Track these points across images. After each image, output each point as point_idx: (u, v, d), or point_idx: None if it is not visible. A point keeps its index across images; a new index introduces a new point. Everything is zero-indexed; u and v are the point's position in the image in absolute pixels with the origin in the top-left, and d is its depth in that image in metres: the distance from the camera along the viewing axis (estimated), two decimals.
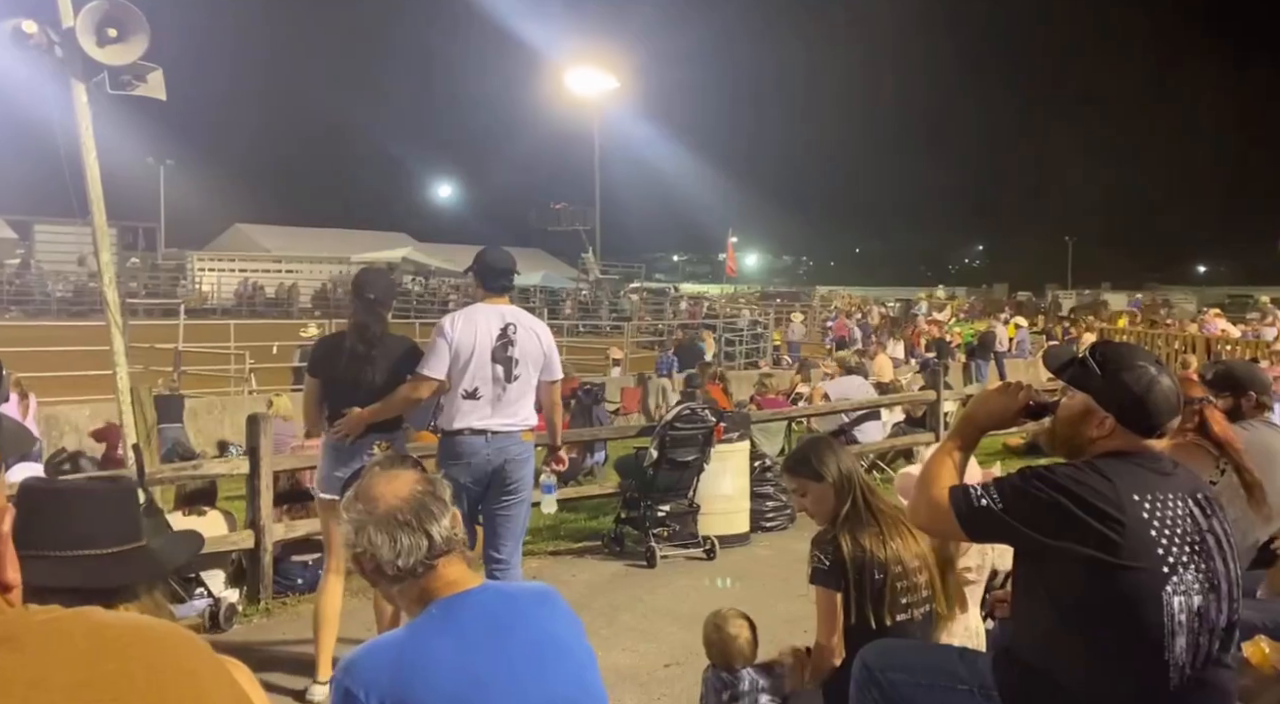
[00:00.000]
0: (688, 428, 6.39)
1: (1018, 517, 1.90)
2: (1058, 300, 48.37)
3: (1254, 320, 20.72)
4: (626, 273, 43.06)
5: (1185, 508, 1.93)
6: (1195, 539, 1.92)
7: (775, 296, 41.27)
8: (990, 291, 54.60)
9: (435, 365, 4.06)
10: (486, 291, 4.29)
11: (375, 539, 1.63)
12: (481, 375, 4.08)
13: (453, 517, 1.70)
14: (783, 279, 77.78)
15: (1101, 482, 1.90)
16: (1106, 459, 1.97)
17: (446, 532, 1.66)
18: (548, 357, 4.28)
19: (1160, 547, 1.87)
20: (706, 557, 6.30)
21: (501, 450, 4.10)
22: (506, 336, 4.13)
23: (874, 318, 29.34)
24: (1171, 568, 1.87)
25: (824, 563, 2.66)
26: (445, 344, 4.06)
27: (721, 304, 34.20)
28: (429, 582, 1.65)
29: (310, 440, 8.30)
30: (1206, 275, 78.51)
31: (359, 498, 1.69)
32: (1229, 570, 1.96)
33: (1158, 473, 1.97)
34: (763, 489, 7.18)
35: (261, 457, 5.44)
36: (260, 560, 5.41)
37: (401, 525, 1.63)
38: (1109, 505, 1.87)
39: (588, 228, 38.89)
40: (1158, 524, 1.88)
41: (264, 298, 34.33)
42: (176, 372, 13.67)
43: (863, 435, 9.31)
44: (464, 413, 4.09)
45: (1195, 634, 1.88)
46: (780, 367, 19.38)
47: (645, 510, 6.30)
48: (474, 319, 4.17)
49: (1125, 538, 1.85)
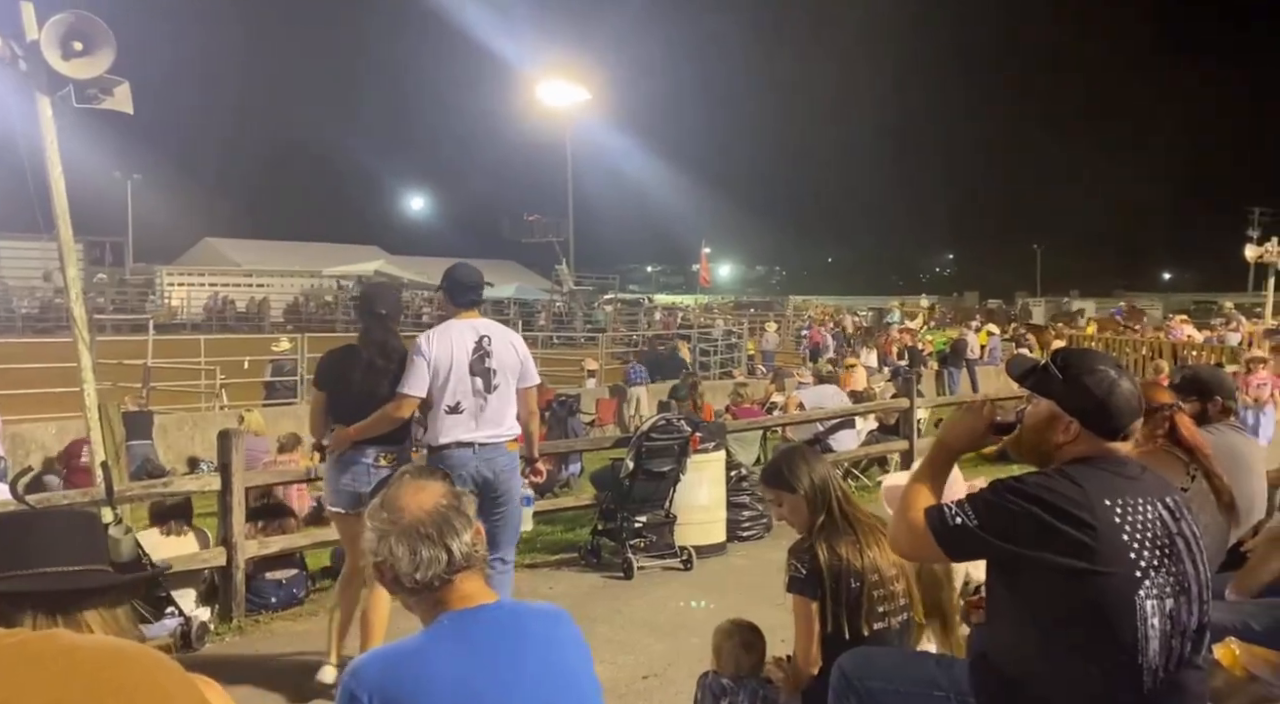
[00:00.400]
0: (663, 438, 6.39)
1: (993, 531, 1.91)
2: (1028, 308, 48.99)
3: (1218, 325, 21.10)
4: (601, 284, 43.10)
5: (1155, 512, 1.96)
6: (1165, 542, 1.94)
7: (749, 306, 41.48)
8: (961, 300, 55.17)
9: (415, 384, 4.14)
10: (457, 307, 4.37)
11: (396, 550, 1.65)
12: (462, 389, 4.19)
13: (475, 532, 1.70)
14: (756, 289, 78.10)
15: (1072, 488, 1.92)
16: (1075, 465, 1.99)
17: (467, 547, 1.67)
18: (524, 364, 4.38)
19: (1132, 551, 1.89)
20: (684, 567, 6.30)
21: (490, 461, 4.24)
22: (483, 349, 4.24)
23: (848, 326, 29.55)
24: (1144, 572, 1.89)
25: (801, 572, 2.67)
26: (423, 362, 4.15)
27: (696, 314, 34.30)
28: (445, 595, 1.67)
29: (283, 456, 8.25)
30: (1172, 282, 79.77)
31: (385, 506, 1.70)
32: (1199, 573, 1.98)
33: (1126, 477, 2.00)
34: (739, 499, 7.19)
35: (233, 473, 5.37)
36: (233, 578, 5.33)
37: (423, 538, 1.65)
38: (1081, 511, 1.89)
39: (561, 239, 38.88)
40: (1129, 529, 1.91)
41: (234, 312, 33.99)
42: (145, 388, 13.48)
43: (837, 444, 9.35)
44: (449, 427, 4.20)
45: (1168, 637, 1.90)
46: (755, 376, 19.44)
47: (622, 522, 6.29)
48: (449, 335, 4.25)
49: (1098, 543, 1.87)
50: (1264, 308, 21.91)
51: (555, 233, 39.25)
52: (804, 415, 9.65)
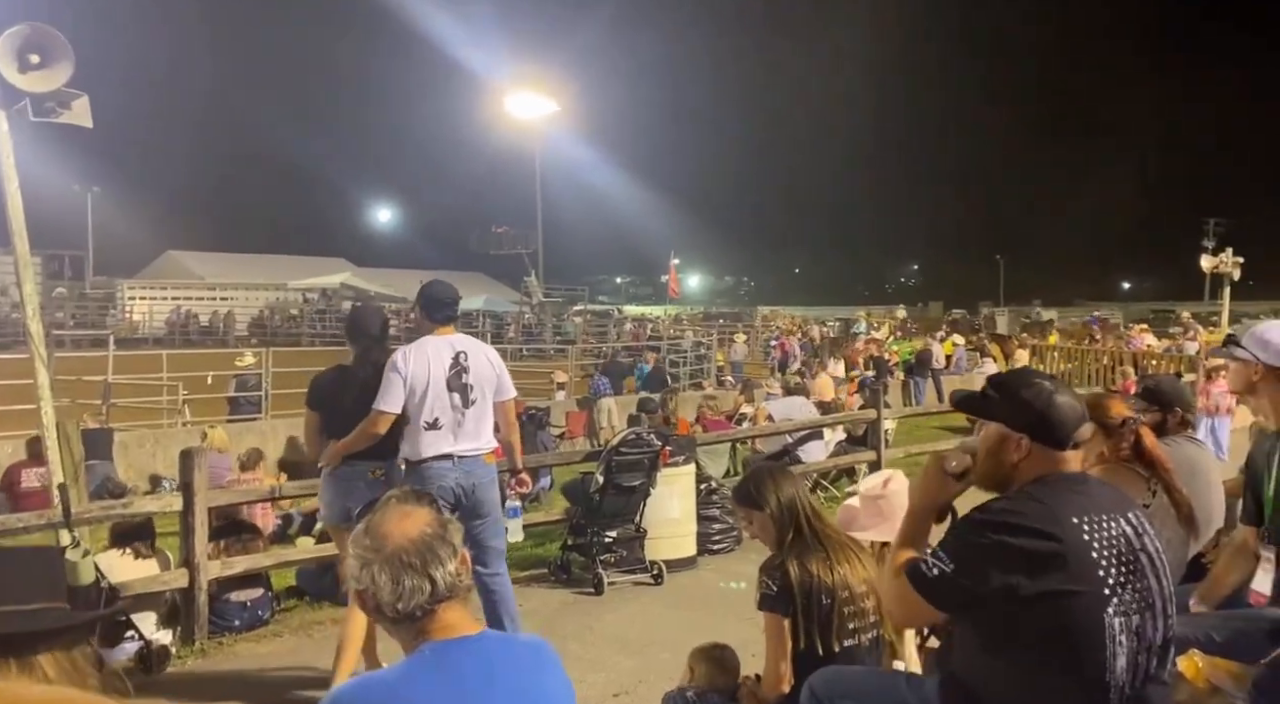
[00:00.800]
0: (633, 453, 6.38)
1: (968, 572, 1.90)
2: (993, 318, 49.63)
3: (1177, 334, 21.51)
4: (570, 295, 43.01)
5: (1119, 528, 1.98)
6: (1130, 559, 1.96)
7: (718, 317, 41.58)
8: (926, 310, 55.77)
9: (390, 400, 4.22)
10: (433, 323, 4.43)
11: (379, 579, 1.62)
12: (440, 405, 4.27)
13: (460, 560, 1.67)
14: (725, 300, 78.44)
15: (1039, 507, 1.94)
16: (1036, 485, 2.01)
17: (451, 577, 1.64)
18: (500, 378, 4.48)
19: (1101, 568, 1.90)
20: (654, 582, 6.28)
21: (470, 473, 4.32)
22: (459, 365, 4.33)
23: (815, 336, 29.73)
24: (1112, 589, 1.90)
25: (772, 589, 2.67)
26: (399, 379, 4.22)
27: (665, 326, 34.34)
28: (427, 624, 1.64)
29: (245, 474, 8.13)
30: (1131, 291, 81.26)
31: (368, 533, 1.66)
32: (1162, 588, 2.00)
33: (1089, 494, 2.01)
34: (709, 512, 7.18)
35: (195, 492, 5.28)
36: (195, 600, 5.24)
37: (406, 567, 1.61)
38: (1051, 529, 1.90)
39: (530, 251, 38.79)
40: (1097, 546, 1.92)
41: (198, 326, 33.48)
42: (105, 404, 13.23)
43: (806, 455, 9.40)
44: (428, 442, 4.27)
45: (1134, 653, 1.91)
46: (724, 387, 19.49)
47: (592, 537, 6.26)
48: (425, 352, 4.31)
49: (1068, 561, 1.88)
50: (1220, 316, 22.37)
51: (524, 244, 39.15)
52: (773, 427, 9.68)
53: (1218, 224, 47.80)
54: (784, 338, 26.47)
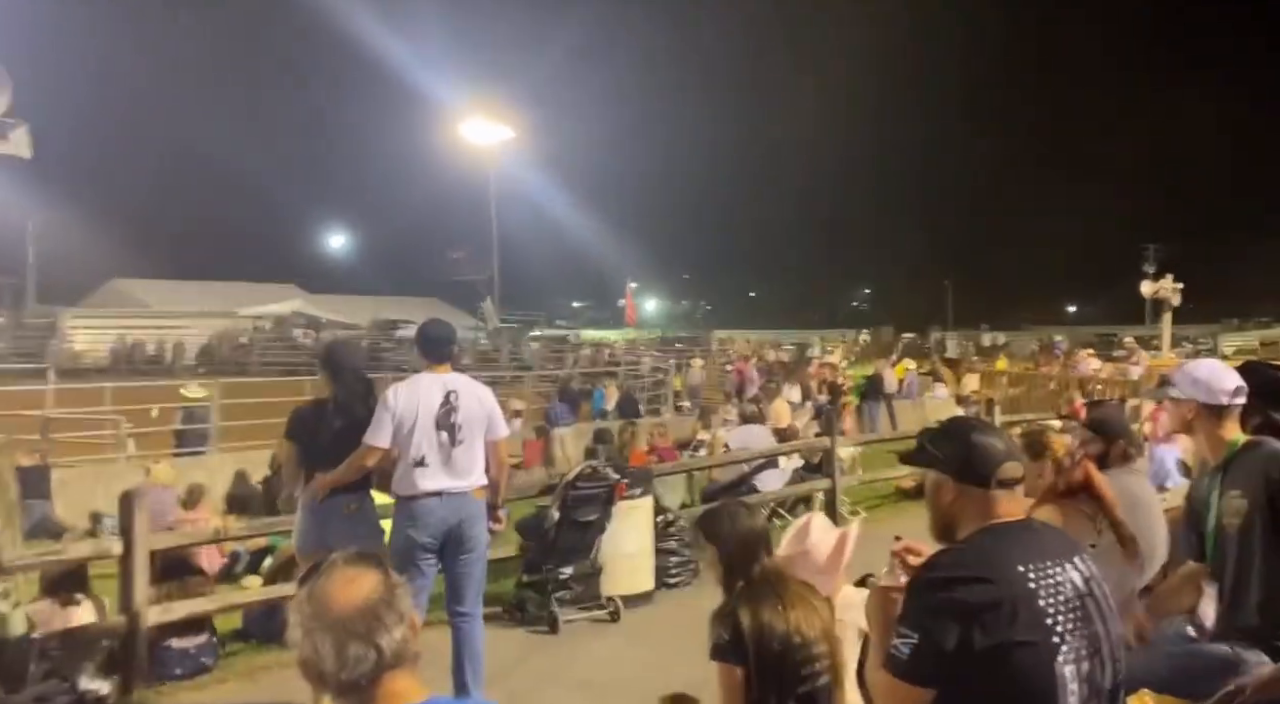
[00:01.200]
0: (589, 487, 6.33)
1: (936, 634, 1.88)
2: (943, 341, 50.44)
3: (1120, 358, 22.01)
4: (526, 321, 42.90)
5: (1065, 574, 1.98)
6: (1077, 605, 1.96)
7: (675, 342, 41.69)
8: (878, 333, 56.48)
9: (379, 435, 4.35)
10: (428, 361, 4.58)
11: (321, 648, 1.55)
12: (428, 443, 4.37)
13: (408, 626, 1.61)
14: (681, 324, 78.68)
15: (983, 559, 1.94)
16: (982, 534, 2.02)
17: (397, 644, 1.57)
18: (491, 417, 4.57)
19: (1049, 616, 1.91)
20: (610, 619, 6.21)
21: (457, 509, 4.41)
22: (449, 404, 4.43)
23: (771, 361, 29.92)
24: (1061, 637, 1.90)
25: (724, 638, 2.64)
26: (388, 415, 4.35)
27: (623, 351, 34.32)
28: (373, 695, 1.57)
29: (190, 514, 7.90)
30: (1076, 315, 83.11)
31: (311, 599, 1.59)
32: (1109, 632, 2.01)
33: (1034, 541, 2.02)
34: (666, 545, 7.14)
35: (135, 537, 5.11)
36: (135, 648, 5.05)
37: (350, 635, 1.54)
38: (996, 580, 1.90)
39: (485, 277, 38.68)
40: (1044, 594, 1.92)
41: (144, 356, 32.70)
42: (44, 440, 12.81)
43: (763, 484, 9.40)
44: (416, 479, 4.38)
45: (1085, 700, 1.92)
46: (680, 413, 19.49)
47: (547, 574, 6.18)
48: (416, 390, 4.45)
49: (1018, 612, 1.88)
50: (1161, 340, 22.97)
51: (479, 270, 39.05)
52: (729, 457, 9.69)
53: (1157, 249, 49.26)
54: (740, 363, 26.58)
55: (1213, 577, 2.94)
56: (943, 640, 1.88)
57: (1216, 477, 2.93)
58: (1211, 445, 2.89)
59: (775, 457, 9.78)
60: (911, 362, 24.52)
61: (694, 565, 7.12)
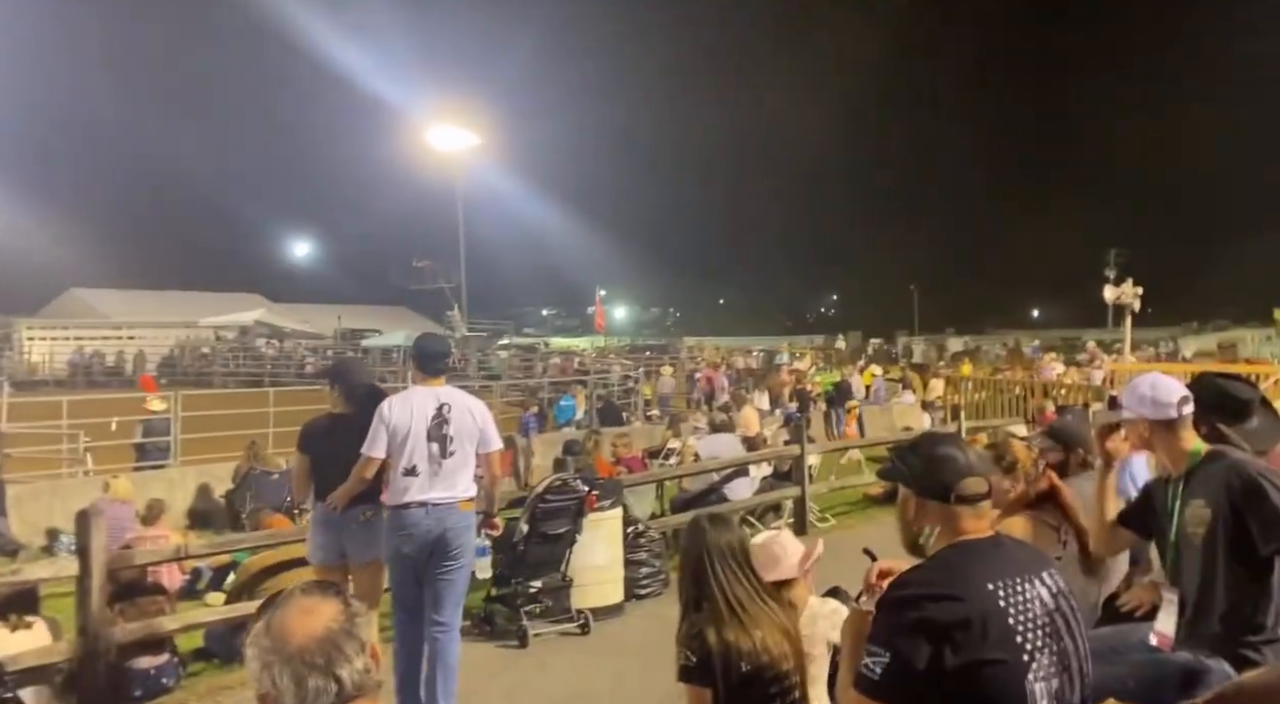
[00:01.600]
0: (558, 500, 6.28)
1: (902, 660, 1.87)
2: (910, 347, 50.95)
3: (1084, 363, 22.33)
4: (495, 329, 42.65)
5: (1034, 591, 1.98)
6: (1046, 621, 1.96)
7: (645, 349, 41.68)
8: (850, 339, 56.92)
9: (375, 446, 4.50)
10: (423, 375, 4.71)
11: (280, 681, 1.51)
12: (419, 453, 4.50)
13: (369, 654, 1.58)
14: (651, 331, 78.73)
15: (953, 576, 1.93)
16: (951, 551, 2.02)
17: (359, 675, 1.54)
18: (483, 431, 4.69)
19: (1018, 634, 1.90)
20: (581, 632, 6.17)
21: (441, 520, 4.50)
22: (441, 416, 4.56)
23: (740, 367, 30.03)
24: (1030, 655, 1.90)
25: (691, 660, 2.61)
26: (383, 427, 4.50)
27: (592, 359, 34.26)
28: None
29: (150, 531, 7.73)
30: (1040, 319, 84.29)
31: (268, 631, 1.55)
32: (1078, 648, 2.02)
33: (1002, 557, 2.02)
34: (636, 556, 7.10)
35: (93, 556, 4.99)
36: (94, 670, 4.93)
37: (309, 667, 1.51)
38: (965, 597, 1.89)
39: (453, 285, 38.37)
40: (1014, 612, 1.92)
41: (103, 367, 32.11)
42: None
43: (732, 493, 9.39)
44: (406, 488, 4.50)
45: None
46: (649, 422, 19.45)
47: (516, 587, 6.12)
48: (410, 402, 4.58)
49: (988, 630, 1.87)
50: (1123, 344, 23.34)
51: (446, 278, 38.71)
52: (699, 466, 9.68)
53: (1118, 254, 50.13)
54: (709, 371, 26.63)
55: (1175, 586, 2.96)
56: (914, 659, 1.87)
57: (1178, 486, 2.95)
58: (1172, 457, 2.90)
59: (745, 465, 9.79)
60: (878, 368, 24.73)
61: (664, 576, 7.09)
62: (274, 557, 6.33)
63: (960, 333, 61.66)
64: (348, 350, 32.72)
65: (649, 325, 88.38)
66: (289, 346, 35.42)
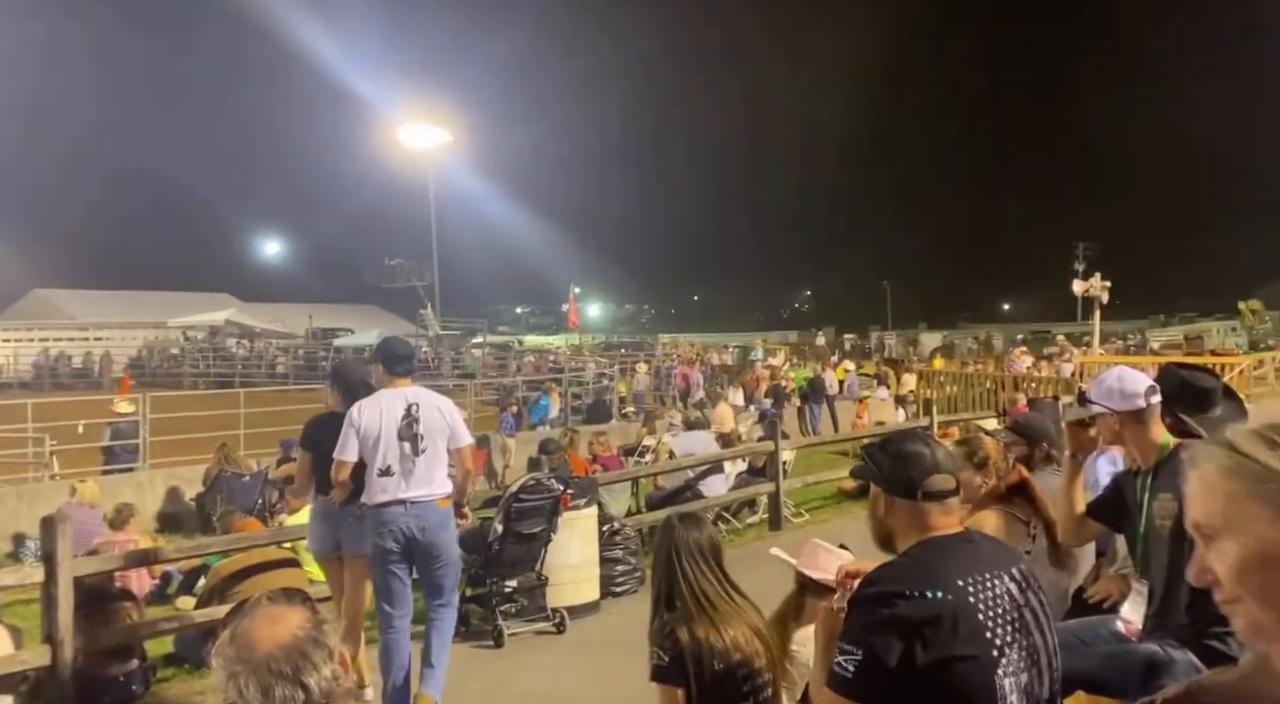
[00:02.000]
0: (533, 499, 6.25)
1: (875, 657, 1.87)
2: (883, 341, 51.31)
3: (1053, 355, 22.60)
4: (468, 328, 42.39)
5: (1003, 586, 1.99)
6: (1015, 616, 1.97)
7: (619, 347, 41.63)
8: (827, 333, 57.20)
9: (346, 450, 4.62)
10: (390, 376, 4.81)
11: (247, 691, 1.48)
12: (391, 454, 4.61)
13: (338, 662, 1.56)
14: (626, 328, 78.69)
15: (924, 572, 1.94)
16: (921, 548, 2.03)
17: (326, 683, 1.52)
18: (452, 427, 4.79)
19: (988, 630, 1.91)
20: (556, 631, 6.15)
21: (420, 517, 4.62)
22: (411, 415, 4.65)
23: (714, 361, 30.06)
24: (1000, 651, 1.91)
25: (663, 659, 2.61)
26: (353, 430, 4.61)
27: (567, 357, 34.18)
28: None
29: (118, 535, 7.62)
30: (1010, 313, 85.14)
31: (234, 641, 1.52)
32: (1047, 642, 2.03)
33: (972, 553, 2.03)
34: (612, 553, 7.10)
35: (59, 562, 4.90)
36: (59, 678, 4.85)
37: (276, 676, 1.48)
38: (936, 594, 1.90)
39: (425, 283, 38.11)
40: (984, 607, 1.93)
41: (70, 369, 31.61)
42: None
43: (707, 489, 9.42)
44: (382, 488, 4.62)
45: None
46: (625, 419, 19.44)
47: (492, 587, 6.10)
48: (379, 405, 4.67)
49: (958, 626, 1.88)
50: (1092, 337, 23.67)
51: (419, 276, 38.44)
52: (674, 464, 9.69)
53: (1087, 248, 50.77)
54: (684, 367, 26.65)
55: (1143, 574, 3.00)
56: (886, 656, 1.87)
57: (1147, 479, 2.98)
58: (1142, 450, 2.93)
59: (720, 462, 9.81)
60: (850, 363, 24.88)
61: (640, 573, 7.09)
62: (246, 560, 6.25)
63: (933, 328, 62.16)
64: (319, 350, 32.43)
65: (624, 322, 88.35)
66: (260, 346, 35.03)
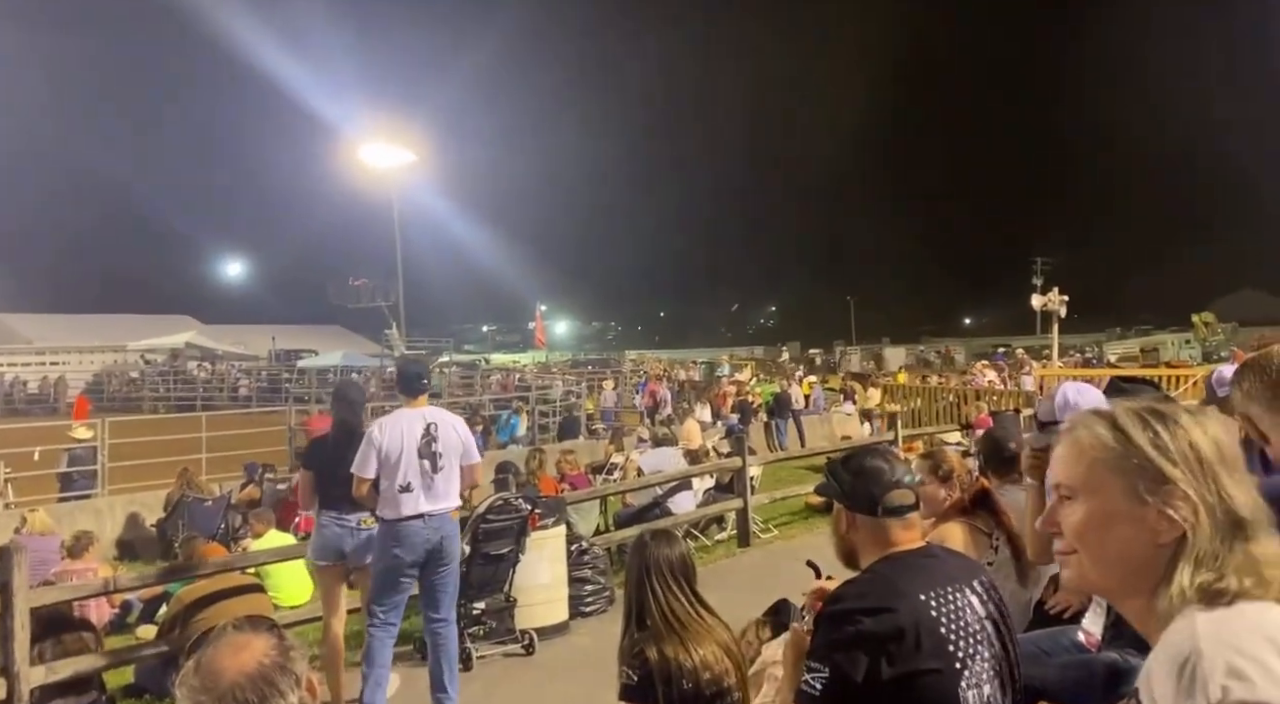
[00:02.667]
0: (501, 519, 6.23)
1: (845, 666, 1.90)
2: (847, 356, 51.76)
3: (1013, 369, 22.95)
4: (434, 347, 42.08)
5: (965, 599, 2.03)
6: (978, 629, 2.01)
7: (586, 364, 41.56)
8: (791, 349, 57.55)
9: (365, 467, 4.82)
10: (407, 396, 5.03)
11: None
12: (412, 471, 4.83)
13: (305, 688, 1.53)
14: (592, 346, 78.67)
15: (887, 588, 1.97)
16: (884, 563, 2.06)
17: None
18: (465, 445, 5.04)
19: (951, 643, 1.94)
20: (525, 652, 6.12)
21: (438, 529, 4.89)
22: (430, 434, 4.89)
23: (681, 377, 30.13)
24: (963, 663, 1.94)
25: (632, 678, 2.61)
26: (373, 449, 4.81)
27: (534, 375, 34.05)
28: None
29: (76, 564, 7.45)
30: (971, 327, 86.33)
31: (199, 670, 1.48)
32: (1009, 654, 2.07)
33: (934, 567, 2.07)
34: (580, 573, 7.08)
35: (15, 593, 4.80)
36: None
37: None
38: (898, 609, 1.93)
39: (390, 303, 37.77)
40: (946, 621, 1.96)
41: (25, 395, 30.92)
42: None
43: (676, 506, 9.42)
44: (402, 503, 4.82)
45: None
46: (593, 437, 19.40)
47: (459, 609, 6.03)
48: (399, 423, 4.89)
49: (921, 641, 1.91)
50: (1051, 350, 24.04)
51: (384, 296, 38.08)
52: (642, 481, 9.69)
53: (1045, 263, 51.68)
54: (652, 383, 26.68)
55: None
56: (852, 672, 1.90)
57: None
58: None
59: (688, 478, 9.82)
60: (814, 377, 25.06)
61: (609, 592, 7.08)
62: (209, 586, 6.14)
63: (896, 342, 62.83)
64: (282, 371, 32.03)
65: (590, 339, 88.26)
66: (222, 369, 34.53)
